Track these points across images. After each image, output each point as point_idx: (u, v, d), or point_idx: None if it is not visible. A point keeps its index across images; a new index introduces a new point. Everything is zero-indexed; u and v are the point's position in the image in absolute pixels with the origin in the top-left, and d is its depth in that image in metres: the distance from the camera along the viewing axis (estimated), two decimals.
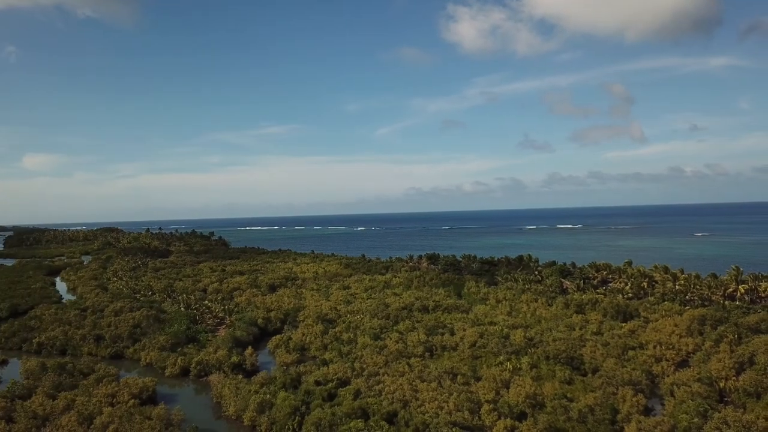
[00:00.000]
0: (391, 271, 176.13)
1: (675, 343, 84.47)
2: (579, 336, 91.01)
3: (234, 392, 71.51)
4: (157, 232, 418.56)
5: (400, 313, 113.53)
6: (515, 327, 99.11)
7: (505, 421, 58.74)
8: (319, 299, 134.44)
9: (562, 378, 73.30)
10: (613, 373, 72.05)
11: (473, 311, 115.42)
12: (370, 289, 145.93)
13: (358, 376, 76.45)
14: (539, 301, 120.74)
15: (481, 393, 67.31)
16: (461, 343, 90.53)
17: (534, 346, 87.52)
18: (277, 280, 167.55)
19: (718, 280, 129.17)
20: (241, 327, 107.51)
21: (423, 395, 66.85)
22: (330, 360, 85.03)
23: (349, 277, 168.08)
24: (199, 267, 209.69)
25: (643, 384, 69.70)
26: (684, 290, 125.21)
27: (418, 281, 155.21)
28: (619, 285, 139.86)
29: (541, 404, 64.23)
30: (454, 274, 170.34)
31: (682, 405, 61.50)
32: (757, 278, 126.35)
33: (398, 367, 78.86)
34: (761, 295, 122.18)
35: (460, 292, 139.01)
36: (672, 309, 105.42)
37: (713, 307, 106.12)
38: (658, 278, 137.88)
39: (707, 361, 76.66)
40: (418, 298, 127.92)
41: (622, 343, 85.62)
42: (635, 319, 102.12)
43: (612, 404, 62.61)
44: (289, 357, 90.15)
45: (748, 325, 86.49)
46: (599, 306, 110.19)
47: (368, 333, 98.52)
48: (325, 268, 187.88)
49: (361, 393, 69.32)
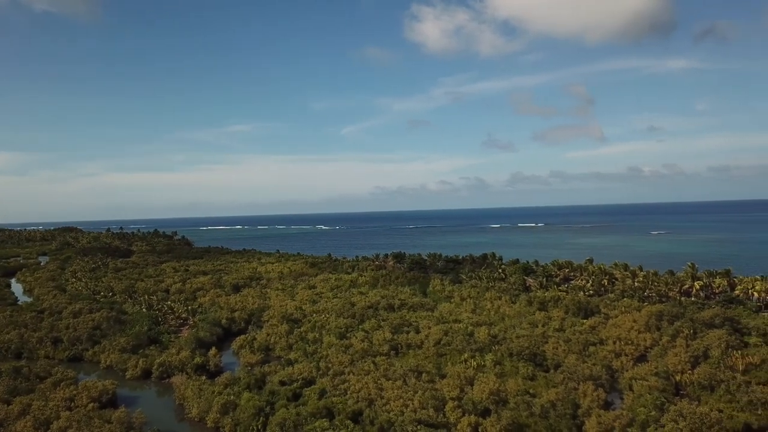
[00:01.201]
0: (357, 270, 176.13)
1: (634, 338, 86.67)
2: (542, 333, 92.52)
3: (197, 394, 70.60)
4: (118, 231, 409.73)
5: (365, 311, 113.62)
6: (479, 324, 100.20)
7: (470, 418, 59.39)
8: (284, 299, 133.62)
9: (525, 374, 74.47)
10: (575, 368, 73.45)
11: (438, 309, 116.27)
12: (336, 289, 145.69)
13: (324, 375, 76.33)
14: (503, 299, 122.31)
15: (445, 390, 67.88)
16: (426, 341, 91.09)
17: (498, 344, 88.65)
18: (241, 280, 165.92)
19: (674, 277, 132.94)
20: (204, 327, 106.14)
21: (388, 393, 67.06)
22: (295, 360, 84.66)
23: (315, 277, 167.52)
24: (162, 267, 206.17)
25: (604, 379, 71.25)
26: (643, 287, 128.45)
27: (384, 280, 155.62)
28: (581, 282, 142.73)
29: (504, 400, 65.07)
30: (420, 272, 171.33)
31: (640, 399, 63.15)
32: (712, 275, 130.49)
33: (364, 365, 78.96)
34: (715, 291, 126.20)
35: (426, 290, 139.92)
36: (631, 305, 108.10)
37: (670, 303, 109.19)
38: (618, 275, 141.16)
39: (664, 355, 78.89)
40: (384, 296, 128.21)
41: (584, 339, 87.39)
42: (596, 315, 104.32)
43: (573, 399, 63.87)
44: (254, 357, 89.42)
45: (702, 321, 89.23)
46: (561, 303, 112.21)
47: (334, 332, 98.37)
48: (291, 268, 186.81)
49: (326, 392, 69.23)
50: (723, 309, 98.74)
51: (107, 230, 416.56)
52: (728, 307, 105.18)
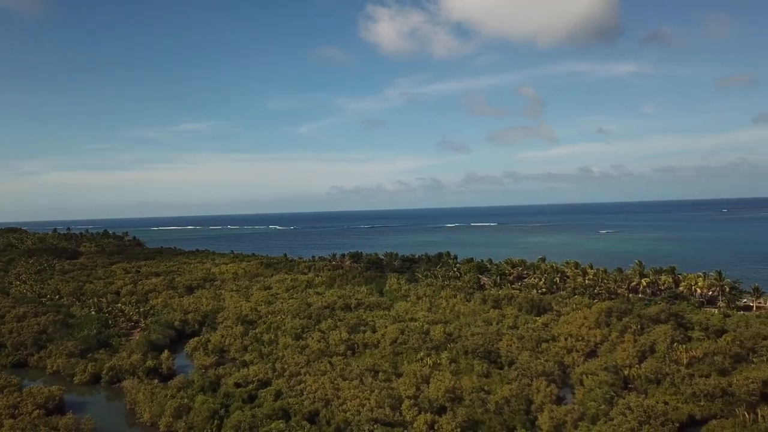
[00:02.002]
0: (313, 271, 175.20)
1: (584, 334, 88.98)
2: (496, 330, 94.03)
3: (149, 398, 69.08)
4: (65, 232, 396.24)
5: (322, 312, 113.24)
6: (435, 323, 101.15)
7: (426, 416, 59.96)
8: (239, 300, 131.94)
9: (480, 371, 75.65)
10: (528, 365, 74.95)
11: (395, 308, 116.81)
12: (292, 289, 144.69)
13: (280, 376, 75.82)
14: (458, 297, 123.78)
15: (402, 389, 68.32)
16: (383, 340, 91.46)
17: (453, 341, 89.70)
18: (195, 281, 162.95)
19: (623, 275, 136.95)
20: (156, 330, 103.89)
21: (345, 393, 67.09)
22: (250, 361, 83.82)
23: (270, 277, 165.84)
24: (112, 269, 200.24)
25: (556, 374, 73.01)
26: (593, 284, 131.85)
27: (340, 280, 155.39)
28: (534, 280, 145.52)
29: (460, 398, 65.97)
30: (377, 272, 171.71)
31: (590, 393, 64.97)
32: (658, 272, 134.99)
33: (320, 366, 78.79)
34: (661, 287, 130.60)
35: (382, 289, 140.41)
36: (582, 302, 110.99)
37: (619, 300, 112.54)
38: (569, 273, 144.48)
39: (613, 350, 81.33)
40: (340, 296, 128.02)
41: (537, 336, 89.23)
42: (548, 312, 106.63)
43: (527, 395, 65.24)
44: (208, 359, 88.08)
45: (649, 316, 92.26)
46: (515, 301, 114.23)
47: (290, 333, 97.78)
48: (245, 269, 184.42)
49: (282, 393, 68.78)
50: (668, 305, 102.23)
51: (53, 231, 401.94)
52: (673, 303, 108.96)
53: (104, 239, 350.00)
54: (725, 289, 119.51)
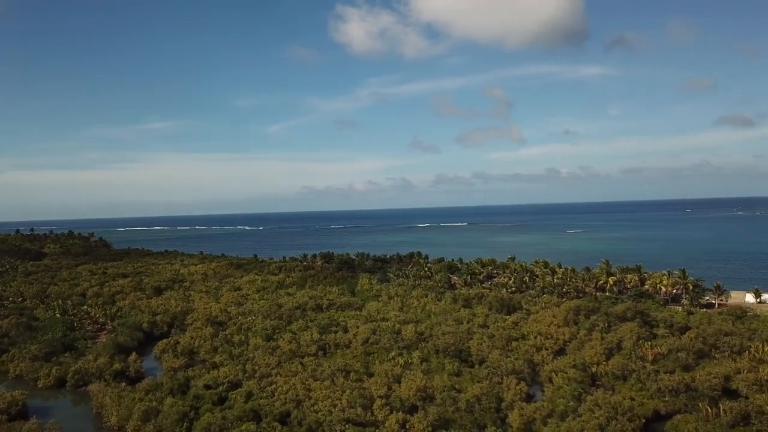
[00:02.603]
0: (284, 271, 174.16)
1: (553, 333, 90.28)
2: (467, 329, 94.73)
3: (116, 401, 67.82)
4: (28, 233, 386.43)
5: (293, 312, 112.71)
6: (406, 322, 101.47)
7: (397, 415, 60.10)
8: (208, 301, 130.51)
9: (451, 370, 76.15)
10: (498, 363, 75.72)
11: (366, 308, 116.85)
12: (263, 290, 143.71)
13: (250, 377, 75.21)
14: (429, 297, 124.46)
15: (373, 389, 68.37)
16: (354, 340, 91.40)
17: (424, 341, 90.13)
18: (163, 282, 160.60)
19: (590, 273, 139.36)
20: (124, 332, 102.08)
21: (316, 394, 66.91)
22: (220, 363, 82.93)
23: (241, 278, 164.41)
24: (78, 270, 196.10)
25: (525, 372, 73.91)
26: (561, 283, 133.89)
27: (312, 280, 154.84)
28: (504, 280, 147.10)
29: (431, 397, 66.30)
30: (348, 272, 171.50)
31: (559, 390, 65.95)
32: (624, 271, 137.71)
33: (291, 367, 78.40)
34: (627, 286, 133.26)
35: (354, 289, 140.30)
36: (551, 301, 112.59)
37: (587, 299, 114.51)
38: (538, 273, 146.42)
39: (581, 348, 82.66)
40: (312, 297, 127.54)
41: (507, 335, 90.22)
42: (518, 311, 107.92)
43: (497, 393, 65.90)
44: (177, 361, 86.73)
45: (616, 314, 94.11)
46: (485, 300, 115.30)
47: (260, 334, 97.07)
48: (215, 269, 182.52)
49: (253, 395, 68.22)
50: (634, 303, 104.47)
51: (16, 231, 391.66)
52: (639, 301, 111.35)
53: (69, 240, 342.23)
54: (689, 287, 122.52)
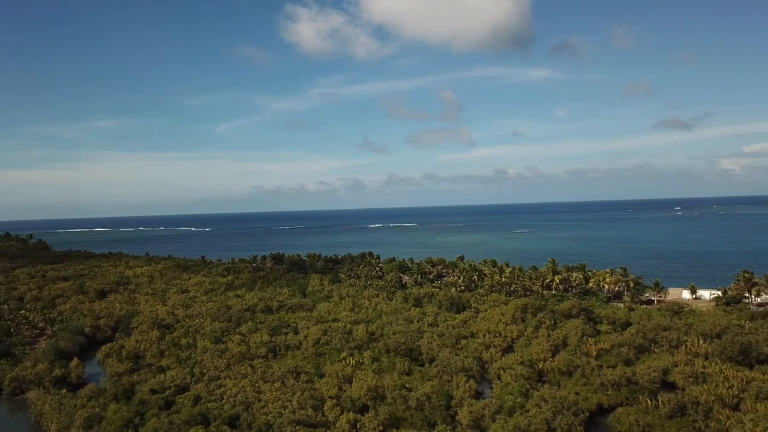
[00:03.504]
0: (233, 273, 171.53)
1: (501, 330, 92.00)
2: (417, 328, 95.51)
3: (56, 409, 65.39)
4: None
5: (242, 314, 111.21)
6: (358, 322, 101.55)
7: (348, 415, 60.09)
8: (155, 304, 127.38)
9: (401, 369, 76.68)
10: (448, 361, 76.57)
11: (317, 309, 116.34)
12: (211, 292, 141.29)
13: (198, 381, 73.82)
14: (380, 297, 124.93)
15: (324, 389, 68.19)
16: (305, 342, 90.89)
17: (376, 340, 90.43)
18: (107, 285, 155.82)
19: (537, 272, 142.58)
20: (65, 337, 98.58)
21: (266, 396, 66.23)
22: (167, 366, 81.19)
23: (188, 280, 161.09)
24: (15, 273, 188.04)
25: (475, 370, 75.02)
26: (509, 282, 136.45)
27: (261, 282, 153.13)
28: (453, 279, 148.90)
29: (382, 396, 66.56)
30: (299, 273, 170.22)
31: (507, 387, 67.27)
32: (570, 270, 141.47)
33: (240, 369, 77.37)
34: (572, 284, 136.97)
35: (305, 290, 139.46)
36: (499, 299, 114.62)
37: (534, 297, 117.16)
38: (486, 272, 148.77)
39: (529, 345, 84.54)
40: (261, 298, 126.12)
41: (456, 333, 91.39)
42: (467, 310, 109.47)
43: (447, 391, 66.69)
44: (122, 366, 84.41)
45: (562, 312, 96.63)
46: (435, 299, 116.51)
47: (209, 336, 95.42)
48: (162, 271, 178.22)
49: (201, 398, 67.00)
50: (579, 300, 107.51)
51: None
52: (583, 299, 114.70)
53: (5, 242, 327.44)
54: (630, 285, 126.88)
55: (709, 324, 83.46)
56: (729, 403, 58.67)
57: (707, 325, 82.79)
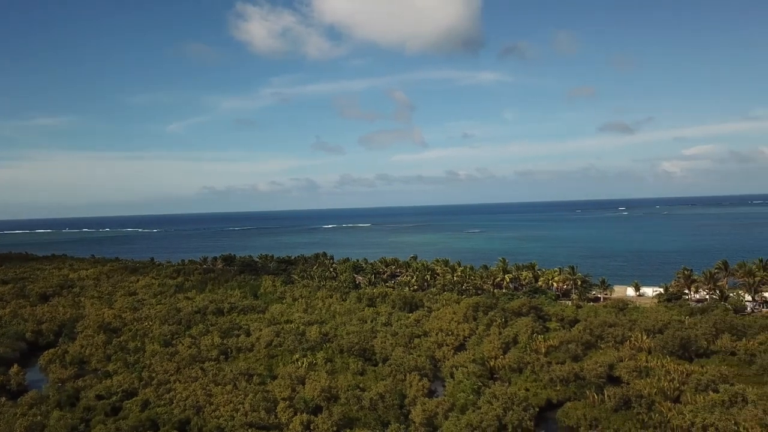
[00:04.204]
0: (183, 275, 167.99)
1: (454, 329, 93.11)
2: (371, 328, 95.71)
3: None
4: None
5: (193, 317, 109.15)
6: (311, 323, 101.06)
7: (301, 417, 59.79)
8: (101, 307, 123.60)
9: (355, 369, 76.71)
10: (401, 360, 77.03)
11: (270, 310, 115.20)
12: (160, 294, 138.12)
13: (147, 385, 72.06)
14: (334, 297, 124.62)
15: (277, 391, 67.65)
16: (257, 344, 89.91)
17: (329, 341, 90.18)
18: (50, 288, 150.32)
19: (488, 271, 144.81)
20: (4, 343, 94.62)
21: (217, 399, 65.24)
22: (114, 371, 78.98)
23: (136, 283, 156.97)
24: None
25: (428, 368, 75.71)
26: (461, 281, 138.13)
27: (212, 283, 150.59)
28: (406, 278, 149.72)
29: (335, 396, 66.47)
30: (251, 274, 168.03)
31: (459, 384, 68.14)
32: (520, 268, 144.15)
33: (191, 372, 75.92)
34: (522, 282, 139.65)
35: (257, 292, 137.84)
36: (451, 298, 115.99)
37: (485, 295, 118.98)
38: (439, 271, 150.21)
39: (480, 343, 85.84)
40: (212, 300, 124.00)
41: (409, 332, 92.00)
42: (420, 309, 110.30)
43: (400, 390, 67.08)
44: (66, 372, 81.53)
45: (512, 310, 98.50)
46: (389, 299, 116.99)
47: (158, 340, 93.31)
48: (108, 274, 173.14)
49: (149, 403, 65.50)
50: (529, 299, 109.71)
51: None
52: (533, 297, 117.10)
53: None
54: (577, 283, 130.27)
55: (651, 320, 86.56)
56: (670, 396, 61.10)
57: (650, 321, 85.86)
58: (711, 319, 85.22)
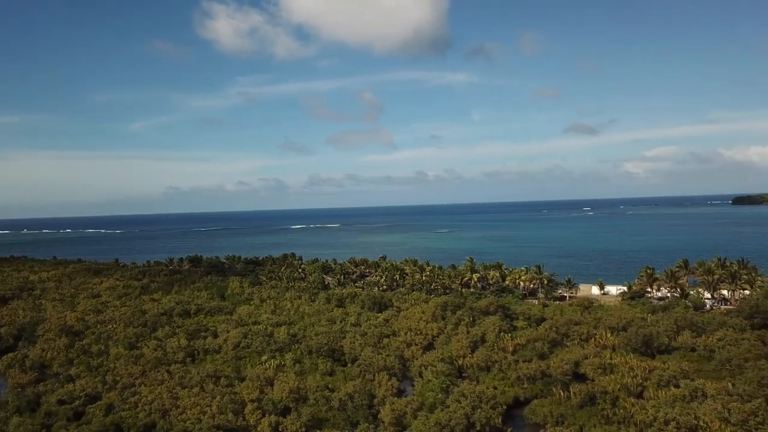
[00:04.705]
0: (148, 276, 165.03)
1: (422, 328, 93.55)
2: (340, 328, 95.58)
3: None
4: None
5: (158, 319, 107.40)
6: (279, 325, 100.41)
7: (270, 418, 59.42)
8: (63, 310, 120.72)
9: (324, 370, 76.53)
10: (370, 360, 77.13)
11: (237, 312, 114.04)
12: (125, 296, 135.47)
13: (111, 389, 70.76)
14: (302, 298, 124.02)
15: (245, 393, 67.10)
16: (225, 345, 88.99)
17: (298, 342, 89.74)
18: (8, 290, 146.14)
19: (456, 271, 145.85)
20: None
21: (184, 402, 64.41)
22: (77, 375, 77.36)
23: (100, 285, 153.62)
24: None
25: (397, 368, 76.00)
26: (430, 281, 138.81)
27: (179, 285, 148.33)
28: (375, 278, 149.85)
29: (304, 397, 66.24)
30: (218, 275, 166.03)
31: (428, 384, 68.54)
32: (487, 268, 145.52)
33: (157, 375, 74.79)
34: (490, 282, 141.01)
35: (224, 293, 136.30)
36: (420, 298, 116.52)
37: (453, 295, 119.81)
38: (408, 271, 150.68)
39: (449, 342, 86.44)
40: (179, 302, 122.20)
41: (378, 332, 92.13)
42: (389, 309, 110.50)
43: (369, 390, 67.19)
44: (26, 377, 79.73)
45: (480, 309, 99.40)
46: (358, 299, 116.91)
47: (122, 343, 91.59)
48: (70, 276, 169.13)
49: (114, 407, 64.35)
50: (496, 298, 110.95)
51: None
52: (500, 296, 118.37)
53: None
54: (544, 282, 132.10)
55: (615, 318, 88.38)
56: (634, 392, 62.51)
57: (614, 319, 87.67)
58: (672, 316, 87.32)
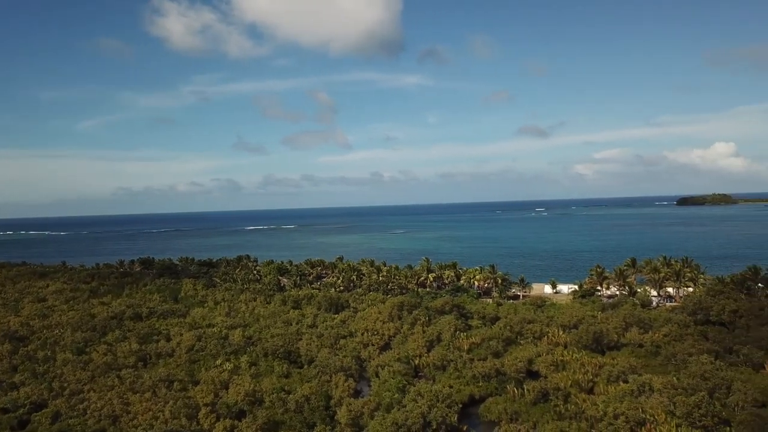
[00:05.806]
0: (97, 279, 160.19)
1: (379, 328, 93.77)
2: (296, 330, 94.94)
3: None
4: None
5: (108, 323, 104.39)
6: (234, 327, 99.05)
7: (224, 422, 58.62)
8: (6, 315, 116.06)
9: (280, 372, 75.89)
10: (327, 362, 76.85)
11: (191, 315, 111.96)
12: (72, 300, 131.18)
13: (58, 396, 68.45)
14: (258, 300, 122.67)
15: (199, 397, 65.96)
16: (178, 349, 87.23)
17: (253, 345, 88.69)
18: None
19: (412, 271, 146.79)
20: None
21: (136, 407, 62.90)
22: (21, 382, 74.30)
23: (46, 288, 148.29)
24: None
25: (353, 369, 75.92)
26: (386, 281, 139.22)
27: (130, 288, 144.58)
28: (332, 279, 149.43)
29: (260, 400, 65.52)
30: (171, 278, 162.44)
31: (385, 384, 68.79)
32: (442, 267, 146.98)
33: (106, 381, 72.72)
34: (445, 281, 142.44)
35: (177, 296, 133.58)
36: (377, 298, 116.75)
37: (409, 295, 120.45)
38: (365, 271, 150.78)
39: (405, 342, 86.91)
40: (129, 305, 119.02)
41: (335, 333, 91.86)
42: (346, 309, 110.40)
43: (326, 391, 66.99)
44: None
45: (436, 308, 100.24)
46: (314, 300, 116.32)
47: (70, 348, 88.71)
48: (13, 279, 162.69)
49: (61, 415, 62.32)
50: (451, 297, 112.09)
51: None
52: (456, 296, 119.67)
53: None
54: (498, 281, 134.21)
55: (567, 316, 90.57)
56: (585, 387, 64.21)
57: (566, 317, 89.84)
58: (621, 313, 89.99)
